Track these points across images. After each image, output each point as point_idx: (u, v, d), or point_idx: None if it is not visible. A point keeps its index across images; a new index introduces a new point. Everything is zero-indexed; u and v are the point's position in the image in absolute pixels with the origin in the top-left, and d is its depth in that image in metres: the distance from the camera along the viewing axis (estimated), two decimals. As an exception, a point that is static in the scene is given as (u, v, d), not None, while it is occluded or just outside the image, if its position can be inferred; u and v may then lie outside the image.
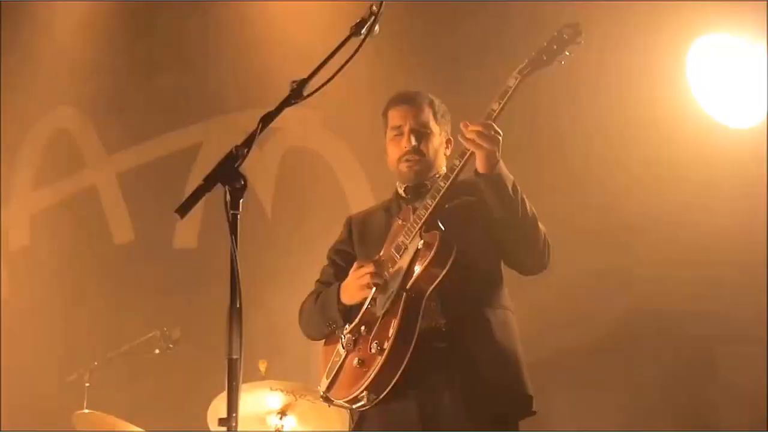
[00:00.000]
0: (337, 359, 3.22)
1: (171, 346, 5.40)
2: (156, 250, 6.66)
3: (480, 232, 3.21)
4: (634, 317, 5.16)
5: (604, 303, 5.18)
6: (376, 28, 2.62)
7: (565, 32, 3.16)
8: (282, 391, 4.29)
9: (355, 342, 3.17)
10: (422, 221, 3.13)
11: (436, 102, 3.46)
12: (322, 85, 2.51)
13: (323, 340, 3.41)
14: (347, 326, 3.22)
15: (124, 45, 7.04)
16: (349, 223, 3.58)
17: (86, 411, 4.96)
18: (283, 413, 4.36)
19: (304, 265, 3.81)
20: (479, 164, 3.09)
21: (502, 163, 3.12)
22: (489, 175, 3.09)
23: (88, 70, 7.04)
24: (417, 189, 3.39)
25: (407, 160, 3.36)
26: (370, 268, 3.16)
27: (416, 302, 3.08)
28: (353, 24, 2.62)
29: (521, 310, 3.35)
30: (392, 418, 3.13)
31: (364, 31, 2.61)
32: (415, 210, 3.21)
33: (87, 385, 5.33)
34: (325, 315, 3.33)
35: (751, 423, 4.82)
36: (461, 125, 3.09)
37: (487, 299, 3.23)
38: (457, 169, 3.12)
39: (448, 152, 3.47)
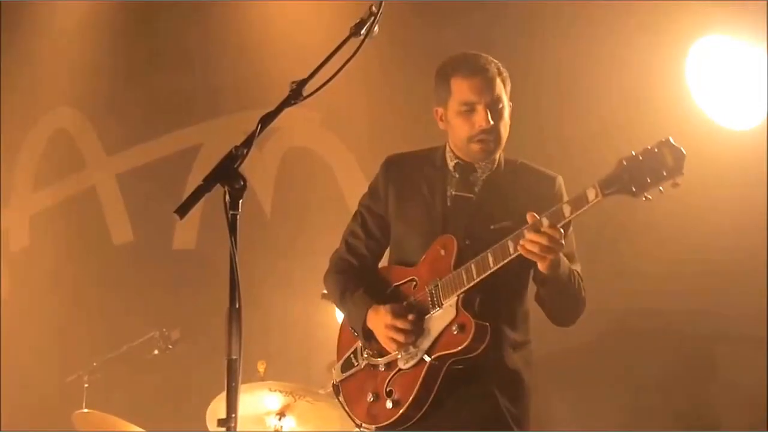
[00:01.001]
0: (354, 362, 3.23)
1: (170, 346, 5.41)
2: (155, 250, 6.66)
3: (515, 267, 3.01)
4: (634, 317, 5.16)
5: (604, 302, 5.16)
6: (376, 28, 2.61)
7: (666, 160, 2.65)
8: (281, 392, 4.28)
9: (374, 368, 3.17)
10: (462, 290, 2.99)
11: (501, 67, 3.20)
12: (322, 86, 2.51)
13: None
14: (368, 351, 3.19)
15: (124, 46, 7.05)
16: (387, 176, 3.33)
17: (85, 410, 4.96)
18: (282, 414, 4.35)
19: (304, 266, 3.81)
20: (540, 266, 2.92)
21: (564, 260, 2.97)
22: (549, 276, 2.96)
23: (87, 70, 7.04)
24: (466, 170, 3.19)
25: (481, 141, 3.11)
26: (401, 337, 3.04)
27: (438, 370, 3.03)
28: (353, 24, 2.62)
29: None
30: None
31: (363, 31, 2.60)
32: (459, 251, 3.04)
33: (86, 385, 5.34)
34: (350, 321, 3.28)
35: (751, 423, 4.82)
36: (528, 216, 2.84)
37: (513, 340, 3.15)
38: (510, 258, 2.89)
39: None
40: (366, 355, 3.19)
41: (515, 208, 2.96)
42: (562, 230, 2.84)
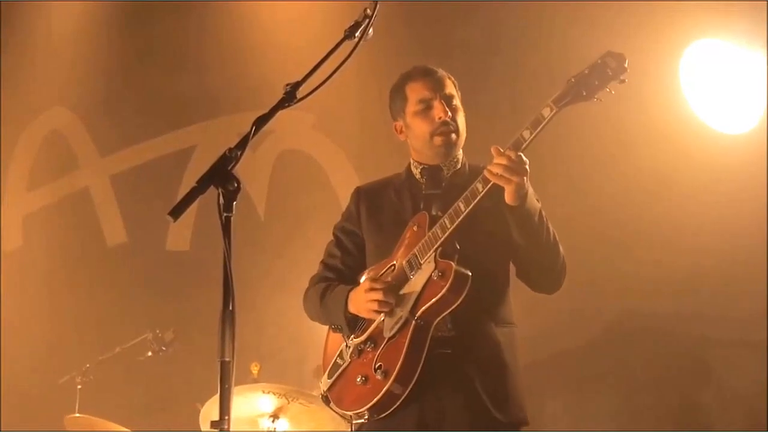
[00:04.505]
0: (341, 362, 3.19)
1: (164, 348, 5.40)
2: (149, 252, 6.66)
3: (493, 242, 3.10)
4: (629, 320, 5.17)
5: (599, 305, 5.18)
6: (370, 31, 2.60)
7: (609, 64, 2.91)
8: (274, 393, 4.28)
9: (360, 353, 3.12)
10: (439, 243, 3.01)
11: (452, 77, 3.33)
12: (316, 88, 2.50)
13: None
14: (353, 336, 3.16)
15: (119, 47, 7.05)
16: (358, 198, 3.41)
17: (77, 415, 4.95)
18: (275, 416, 4.35)
19: (297, 268, 3.79)
20: (507, 197, 2.94)
21: (530, 193, 2.98)
22: (517, 207, 2.96)
23: (82, 72, 7.04)
24: (433, 173, 3.25)
25: (442, 133, 3.19)
26: (379, 295, 3.04)
27: (424, 331, 3.00)
28: (347, 27, 2.62)
29: (516, 311, 3.33)
30: (392, 426, 3.06)
31: (358, 34, 2.60)
32: (431, 222, 3.09)
33: (79, 387, 5.33)
34: (331, 318, 3.26)
35: (747, 426, 4.82)
36: (492, 150, 2.92)
37: (495, 315, 3.15)
38: (480, 195, 2.94)
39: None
40: (351, 341, 3.16)
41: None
42: (523, 155, 2.92)
